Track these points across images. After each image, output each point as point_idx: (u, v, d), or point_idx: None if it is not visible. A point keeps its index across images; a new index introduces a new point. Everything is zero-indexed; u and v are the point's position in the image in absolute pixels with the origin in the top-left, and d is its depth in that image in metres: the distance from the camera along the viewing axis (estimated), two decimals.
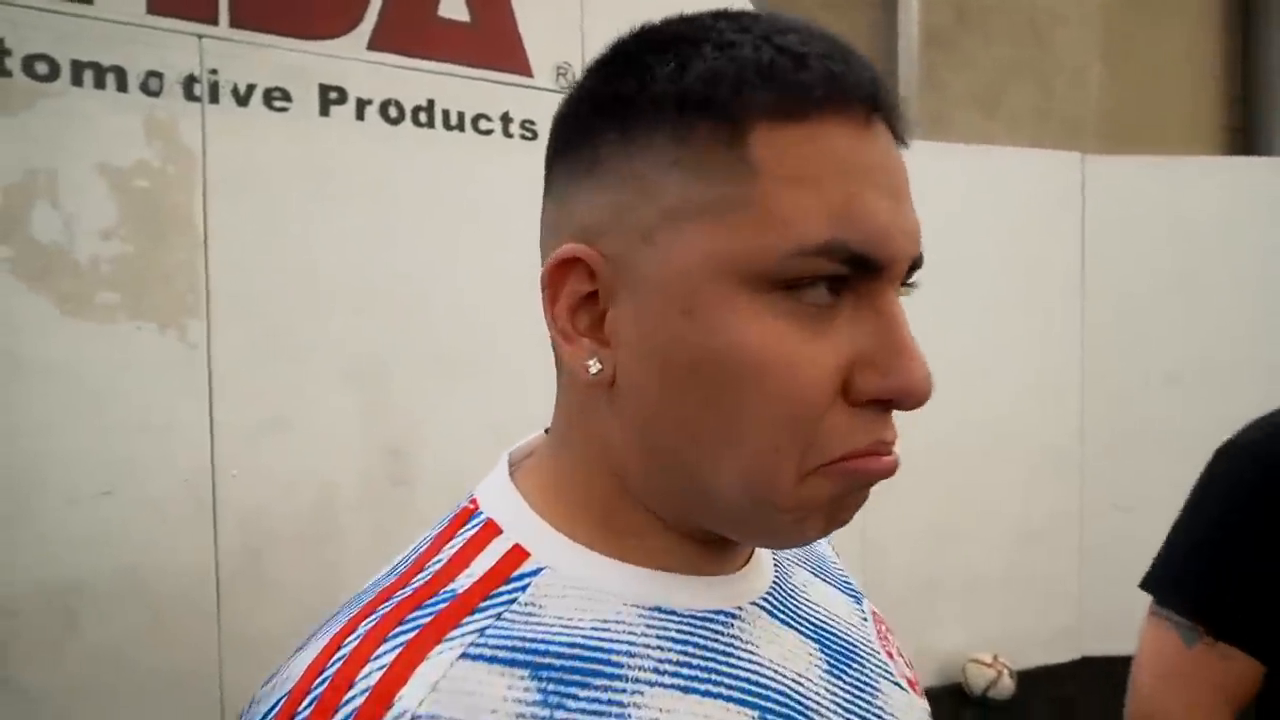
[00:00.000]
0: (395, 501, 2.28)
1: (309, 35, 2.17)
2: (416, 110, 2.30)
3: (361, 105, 2.23)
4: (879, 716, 0.47)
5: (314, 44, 2.18)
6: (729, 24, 0.38)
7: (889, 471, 0.39)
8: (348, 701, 0.34)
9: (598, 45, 2.01)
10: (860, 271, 0.37)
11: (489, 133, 2.40)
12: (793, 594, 0.48)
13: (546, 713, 0.35)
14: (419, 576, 0.40)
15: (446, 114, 2.33)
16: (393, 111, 2.27)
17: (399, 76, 2.28)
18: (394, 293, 2.29)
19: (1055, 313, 3.37)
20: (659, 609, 0.40)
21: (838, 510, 0.40)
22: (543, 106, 2.49)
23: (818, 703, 0.44)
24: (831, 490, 0.39)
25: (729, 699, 0.40)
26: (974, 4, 5.20)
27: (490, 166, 2.41)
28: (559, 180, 0.43)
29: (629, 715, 0.36)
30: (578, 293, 0.41)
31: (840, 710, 0.45)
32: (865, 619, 0.53)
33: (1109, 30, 6.05)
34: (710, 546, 0.43)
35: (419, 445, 2.32)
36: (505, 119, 2.43)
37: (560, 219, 0.42)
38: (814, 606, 0.49)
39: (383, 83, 2.26)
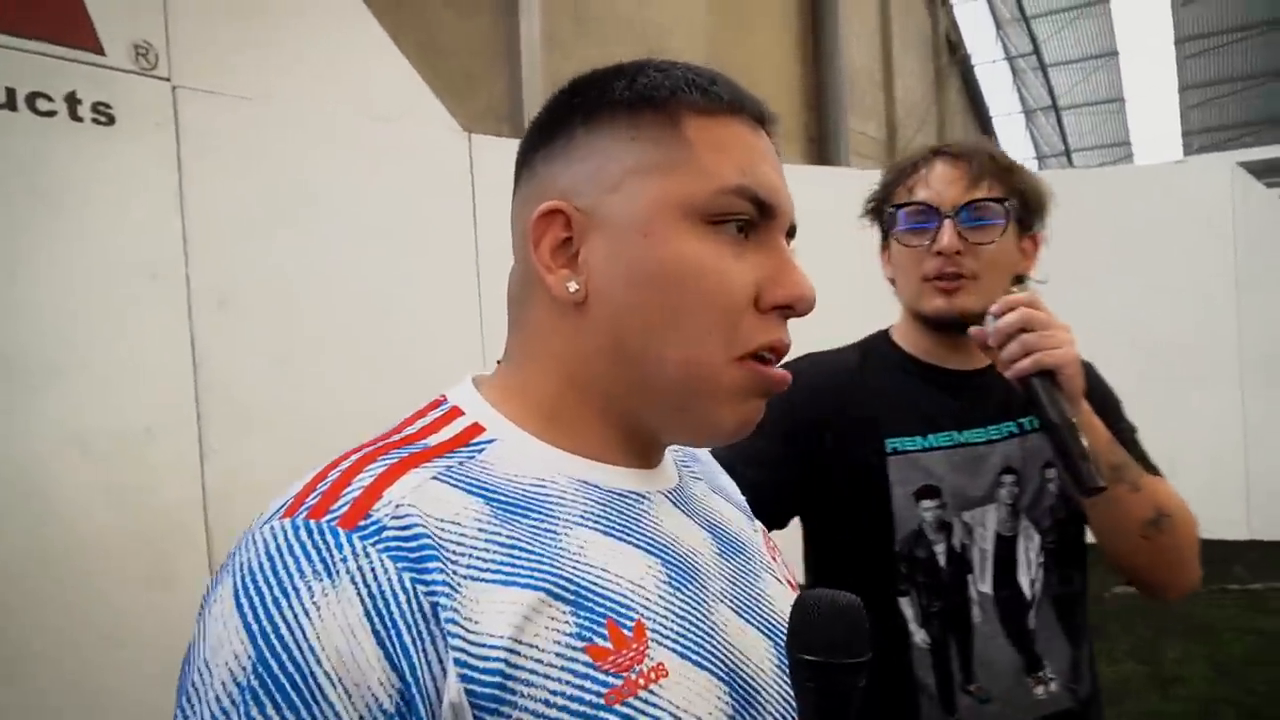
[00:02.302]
0: None
1: None
2: None
3: None
4: (759, 595, 0.59)
5: None
6: (657, 63, 0.56)
7: (783, 382, 0.55)
8: (345, 495, 0.45)
9: (184, 25, 1.94)
10: (761, 215, 0.53)
11: (51, 114, 2.17)
12: (691, 496, 0.60)
13: (498, 525, 0.47)
14: (394, 438, 0.52)
15: None
16: None
17: None
18: None
19: None
20: (584, 481, 0.53)
21: (750, 413, 0.54)
22: (119, 89, 2.30)
23: (708, 570, 0.55)
24: (743, 382, 0.53)
25: (638, 546, 0.52)
26: (590, 12, 5.62)
27: (55, 151, 2.18)
28: (536, 165, 0.56)
29: (560, 539, 0.48)
30: (556, 238, 0.53)
31: (727, 582, 0.56)
32: (755, 531, 0.66)
33: (710, 44, 6.85)
34: (633, 446, 0.56)
35: None
36: (72, 99, 2.21)
37: (535, 192, 0.55)
38: (709, 509, 0.61)
39: None
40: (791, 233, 0.57)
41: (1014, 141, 17.61)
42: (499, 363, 0.60)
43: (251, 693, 0.40)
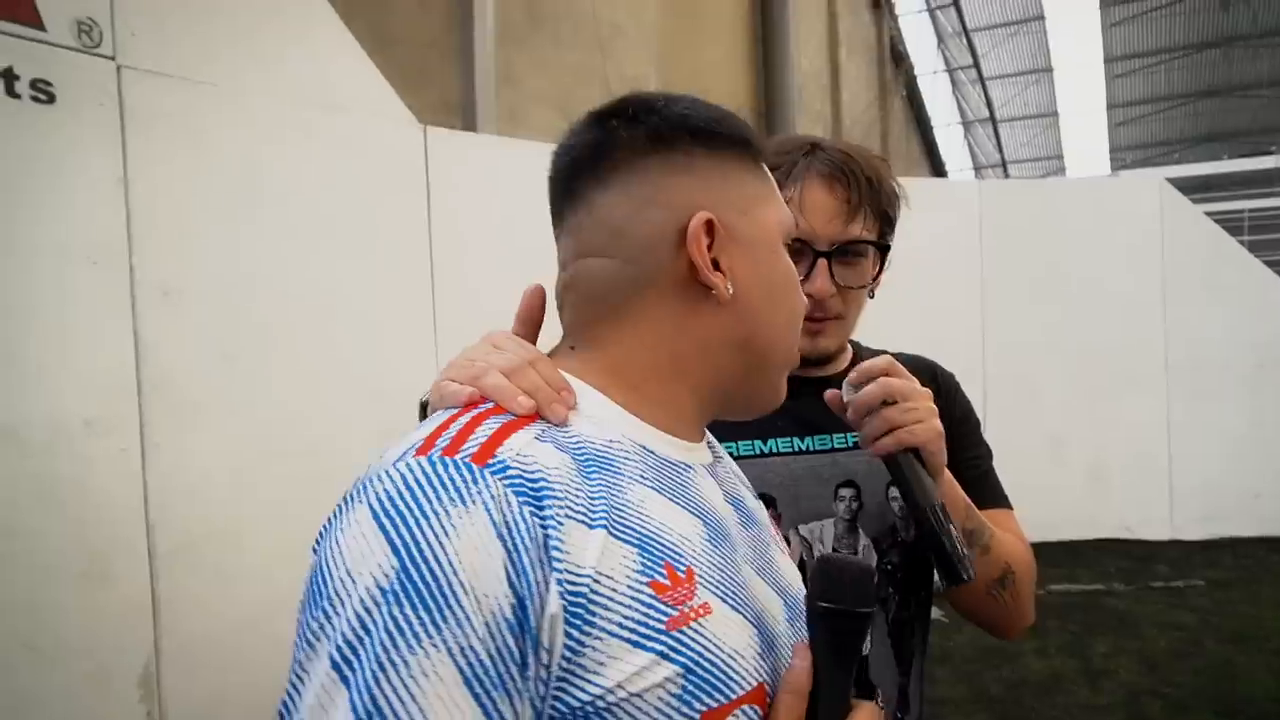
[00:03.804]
0: None
1: None
2: None
3: None
4: (771, 561, 0.68)
5: None
6: (726, 108, 0.67)
7: None
8: (472, 440, 0.53)
9: (130, 4, 1.86)
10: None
11: None
12: (720, 474, 0.70)
13: (581, 479, 0.54)
14: (491, 405, 0.58)
15: None
16: None
17: None
18: None
19: None
20: (643, 446, 0.61)
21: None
22: (60, 66, 2.21)
23: (735, 535, 0.64)
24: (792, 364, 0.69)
25: (685, 508, 0.60)
26: (545, 9, 5.58)
27: None
28: (651, 171, 0.62)
29: (625, 492, 0.56)
30: (705, 244, 0.61)
31: (748, 548, 0.66)
32: (763, 510, 0.75)
33: (663, 45, 6.87)
34: (694, 422, 0.66)
35: None
36: (9, 75, 2.11)
37: (658, 196, 0.62)
38: (733, 485, 0.71)
39: None
40: None
41: (953, 151, 18.08)
42: (572, 348, 0.66)
43: (394, 594, 0.47)
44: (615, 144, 0.63)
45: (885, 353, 1.04)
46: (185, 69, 2.48)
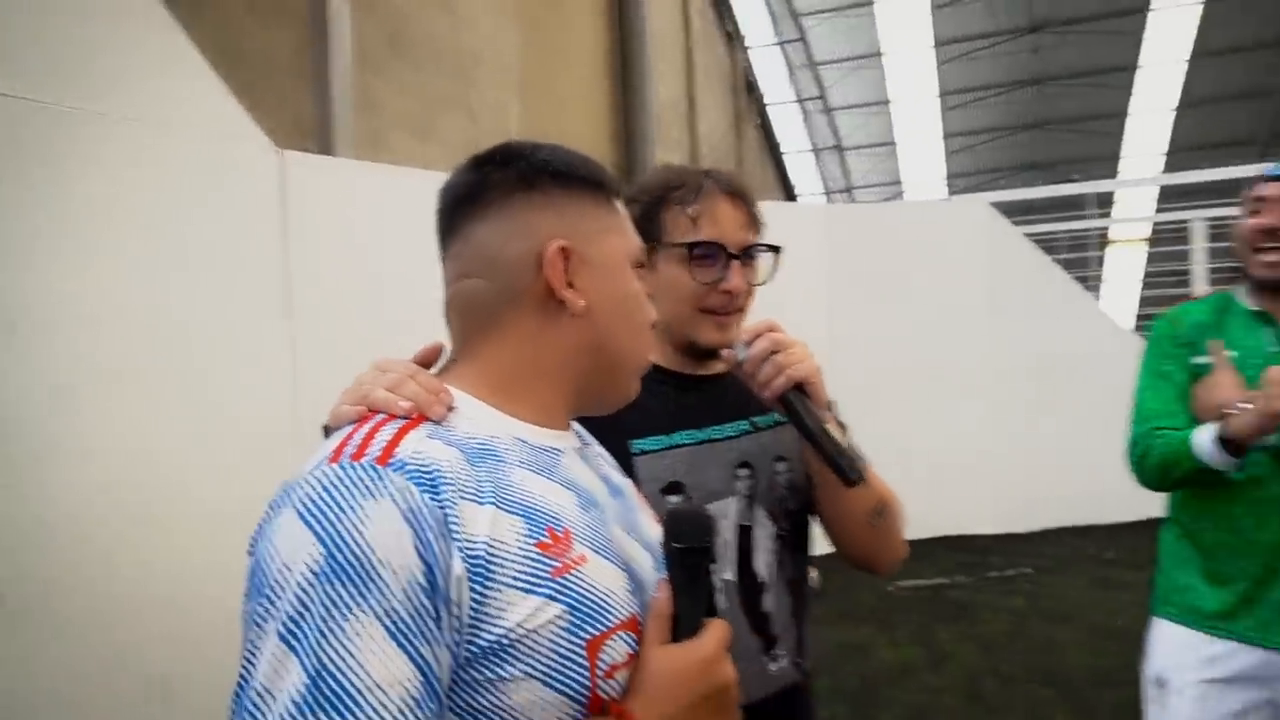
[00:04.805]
0: None
1: None
2: None
3: None
4: (636, 523, 0.82)
5: None
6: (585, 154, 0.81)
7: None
8: (374, 445, 0.64)
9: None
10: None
11: None
12: (587, 456, 0.83)
13: (469, 467, 0.66)
14: (384, 415, 0.69)
15: None
16: None
17: None
18: None
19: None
20: (518, 438, 0.73)
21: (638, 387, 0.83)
22: None
23: (605, 503, 0.78)
24: (643, 368, 0.82)
25: (559, 484, 0.73)
26: (405, 34, 5.55)
27: None
28: (515, 207, 0.75)
29: (508, 474, 0.68)
30: (562, 267, 0.74)
31: (617, 516, 0.79)
32: (627, 483, 0.88)
33: (522, 73, 6.95)
34: (558, 414, 0.78)
35: None
36: None
37: (522, 228, 0.75)
38: (599, 465, 0.84)
39: None
40: None
41: (805, 177, 19.02)
42: (455, 361, 0.79)
43: (325, 575, 0.58)
44: (488, 184, 0.76)
45: None
46: (20, 88, 2.36)
